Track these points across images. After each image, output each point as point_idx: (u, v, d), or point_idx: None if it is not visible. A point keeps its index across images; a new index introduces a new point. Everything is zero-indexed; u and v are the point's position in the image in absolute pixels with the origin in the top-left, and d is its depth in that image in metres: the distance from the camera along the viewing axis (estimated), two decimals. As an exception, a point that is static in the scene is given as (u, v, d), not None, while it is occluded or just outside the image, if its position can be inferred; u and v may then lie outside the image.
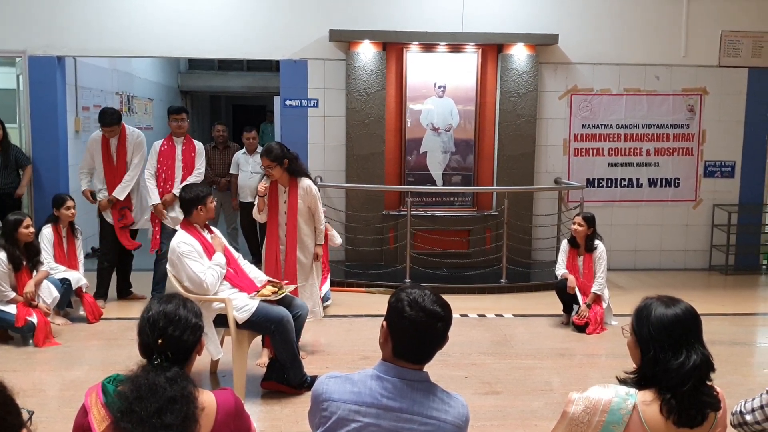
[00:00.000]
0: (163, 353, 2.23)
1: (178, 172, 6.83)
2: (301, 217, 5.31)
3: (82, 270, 6.45)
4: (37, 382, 4.96)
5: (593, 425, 2.19)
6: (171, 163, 6.81)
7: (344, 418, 2.15)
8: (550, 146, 8.68)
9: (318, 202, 5.38)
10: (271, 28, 8.27)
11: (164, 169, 6.83)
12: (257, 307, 4.52)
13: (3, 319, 5.62)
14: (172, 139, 6.89)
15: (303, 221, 5.33)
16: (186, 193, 4.83)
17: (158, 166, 6.81)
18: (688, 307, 2.26)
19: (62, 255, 6.32)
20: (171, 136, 6.92)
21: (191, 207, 4.73)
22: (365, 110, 8.22)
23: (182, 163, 6.84)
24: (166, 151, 6.84)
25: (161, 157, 6.83)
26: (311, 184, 5.37)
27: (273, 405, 4.54)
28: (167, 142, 6.90)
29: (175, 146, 6.86)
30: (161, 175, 6.82)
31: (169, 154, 6.83)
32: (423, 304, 2.16)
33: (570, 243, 6.53)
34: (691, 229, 9.02)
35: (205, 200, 4.74)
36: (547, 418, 4.34)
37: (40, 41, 8.04)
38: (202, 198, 4.73)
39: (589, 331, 6.15)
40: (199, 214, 4.73)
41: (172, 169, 6.82)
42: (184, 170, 6.83)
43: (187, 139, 6.92)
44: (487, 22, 8.34)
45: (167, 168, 6.83)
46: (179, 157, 6.84)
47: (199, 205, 4.71)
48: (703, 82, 8.79)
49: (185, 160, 6.85)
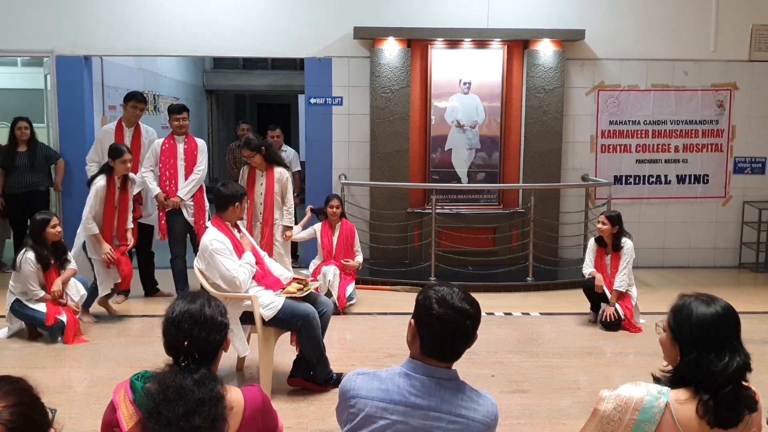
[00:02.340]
0: (189, 354, 2.22)
1: (181, 171, 6.73)
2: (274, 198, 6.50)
3: (129, 221, 6.42)
4: (66, 379, 5.01)
5: (624, 423, 2.15)
6: (173, 161, 6.71)
7: (372, 416, 2.14)
8: (577, 143, 8.59)
9: (289, 187, 6.64)
10: (296, 26, 8.27)
11: (167, 168, 6.71)
12: (283, 304, 4.52)
13: (33, 318, 5.69)
14: (174, 138, 6.77)
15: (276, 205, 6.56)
16: (225, 189, 4.80)
17: (161, 165, 6.71)
18: (727, 305, 2.20)
19: (112, 206, 6.25)
20: (172, 135, 6.79)
21: (228, 203, 4.73)
22: (390, 107, 8.19)
23: (184, 162, 6.74)
24: (168, 150, 6.72)
25: (163, 156, 6.71)
26: (284, 172, 6.69)
27: (299, 402, 4.54)
28: (168, 140, 6.77)
29: (176, 144, 6.74)
30: (164, 173, 6.71)
31: (171, 153, 6.72)
32: (451, 301, 2.14)
33: (597, 242, 6.45)
34: (721, 226, 8.88)
35: (242, 198, 4.79)
36: (575, 416, 4.30)
37: (67, 41, 8.13)
38: (240, 196, 4.76)
39: (625, 324, 6.11)
40: (234, 211, 4.75)
41: (175, 167, 6.72)
42: (186, 168, 6.74)
43: (188, 137, 6.82)
44: (512, 18, 8.28)
45: (170, 167, 6.72)
46: (181, 156, 6.74)
47: (236, 203, 4.74)
48: (733, 77, 8.65)
49: (187, 158, 6.75)
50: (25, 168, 7.84)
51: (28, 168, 7.85)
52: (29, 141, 7.91)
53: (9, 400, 1.59)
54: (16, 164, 7.83)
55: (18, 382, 1.68)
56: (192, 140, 6.85)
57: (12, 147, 7.87)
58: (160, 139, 6.88)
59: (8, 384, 1.64)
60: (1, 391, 1.60)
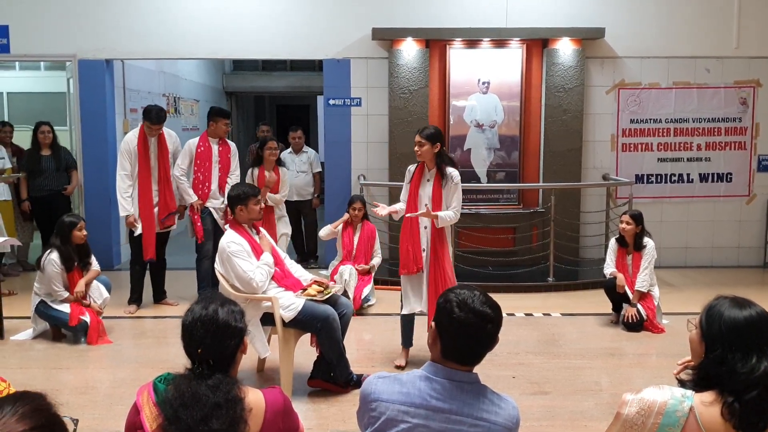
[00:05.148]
0: (204, 361, 2.23)
1: (215, 174, 6.71)
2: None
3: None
4: (89, 380, 5.06)
5: (648, 427, 2.12)
6: (209, 165, 6.69)
7: (393, 419, 2.14)
8: (597, 142, 8.53)
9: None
10: (314, 28, 8.30)
11: (202, 171, 6.69)
12: (303, 305, 4.53)
13: (57, 318, 5.76)
14: (208, 140, 6.72)
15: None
16: (232, 191, 4.91)
17: (195, 168, 6.69)
18: (762, 310, 2.17)
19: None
20: (207, 137, 6.72)
21: (233, 205, 4.79)
22: (408, 108, 8.19)
23: (219, 165, 6.72)
24: (204, 153, 6.69)
25: (198, 159, 6.68)
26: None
27: (320, 403, 4.55)
28: (203, 143, 6.71)
29: (212, 147, 6.72)
30: (198, 176, 6.69)
31: (207, 156, 6.70)
32: (472, 305, 2.13)
33: (618, 242, 6.40)
34: (745, 225, 8.77)
35: (247, 200, 4.75)
36: (597, 418, 4.26)
37: (90, 45, 8.22)
38: (243, 198, 4.75)
39: (647, 325, 6.06)
40: (240, 213, 4.76)
41: (210, 170, 6.70)
42: (221, 171, 6.72)
43: (222, 140, 6.79)
44: (531, 17, 8.24)
45: (204, 170, 6.69)
46: (216, 159, 6.72)
47: (240, 205, 4.75)
48: (756, 74, 8.54)
49: (222, 161, 6.72)
50: (51, 171, 7.99)
51: (54, 171, 8.00)
52: (52, 145, 8.03)
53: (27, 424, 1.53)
54: (41, 168, 7.96)
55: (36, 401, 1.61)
56: (225, 143, 6.81)
57: (36, 151, 8.01)
58: (194, 140, 6.79)
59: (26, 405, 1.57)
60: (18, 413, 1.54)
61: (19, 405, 1.56)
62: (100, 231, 8.13)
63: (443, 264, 5.01)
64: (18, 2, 8.16)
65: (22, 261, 8.42)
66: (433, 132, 5.03)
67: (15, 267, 8.31)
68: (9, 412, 1.52)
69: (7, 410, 1.53)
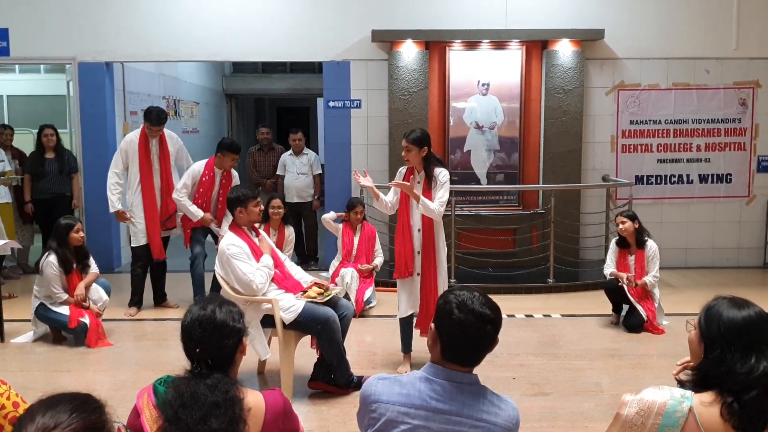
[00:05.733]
0: (202, 361, 2.24)
1: (213, 201, 6.63)
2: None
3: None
4: (90, 382, 5.05)
5: (647, 428, 2.13)
6: (210, 193, 6.60)
7: (393, 420, 2.14)
8: (597, 143, 8.53)
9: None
10: (314, 30, 8.31)
11: (202, 198, 6.57)
12: (304, 307, 4.53)
13: (57, 320, 5.76)
14: (214, 170, 6.58)
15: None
16: (231, 193, 4.93)
17: (196, 194, 6.55)
18: (761, 311, 2.18)
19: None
20: (213, 167, 6.57)
21: (232, 207, 4.80)
22: (408, 110, 8.19)
23: (219, 193, 6.59)
24: (207, 182, 6.56)
25: (201, 187, 6.56)
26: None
27: (320, 405, 4.55)
28: (209, 172, 6.56)
29: (215, 177, 6.60)
30: (197, 200, 6.54)
31: (209, 185, 6.58)
32: (472, 306, 2.13)
33: (618, 244, 6.40)
34: (745, 226, 8.77)
35: (246, 203, 4.75)
36: (598, 419, 4.27)
37: (89, 48, 8.23)
38: (243, 200, 4.76)
39: (648, 326, 6.07)
40: (239, 216, 4.76)
41: (209, 199, 6.60)
42: (220, 197, 6.56)
43: (227, 171, 6.65)
44: (531, 18, 8.24)
45: (205, 198, 6.58)
46: (217, 189, 6.61)
47: (239, 207, 4.75)
48: (755, 75, 8.55)
49: (223, 192, 6.51)
50: (54, 174, 8.02)
51: (57, 174, 8.03)
52: (56, 147, 8.06)
53: (78, 424, 1.53)
54: (45, 170, 7.98)
55: (87, 403, 1.62)
56: (229, 174, 6.67)
57: (40, 154, 8.03)
58: (199, 165, 6.61)
59: (77, 406, 1.58)
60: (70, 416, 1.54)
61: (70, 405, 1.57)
62: (101, 234, 8.15)
63: (434, 268, 4.99)
64: (18, 5, 8.17)
65: (23, 264, 8.43)
66: (419, 135, 4.97)
67: (15, 270, 8.33)
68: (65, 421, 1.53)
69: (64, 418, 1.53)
